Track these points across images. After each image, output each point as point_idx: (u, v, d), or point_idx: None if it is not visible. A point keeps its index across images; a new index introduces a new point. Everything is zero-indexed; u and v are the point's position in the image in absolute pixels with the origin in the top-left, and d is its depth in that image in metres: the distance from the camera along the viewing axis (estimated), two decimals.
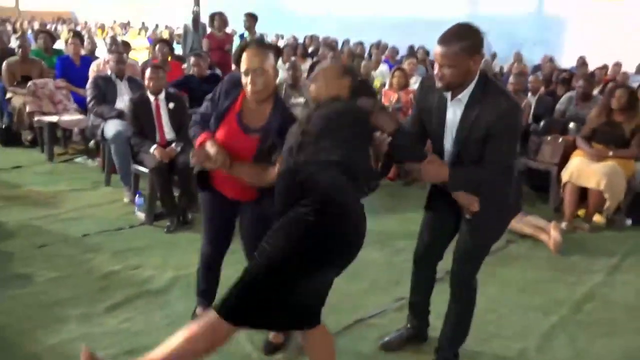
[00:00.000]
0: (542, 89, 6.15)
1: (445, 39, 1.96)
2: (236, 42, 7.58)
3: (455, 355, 2.47)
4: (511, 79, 5.27)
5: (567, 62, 10.21)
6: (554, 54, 10.83)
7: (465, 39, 1.95)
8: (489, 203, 2.12)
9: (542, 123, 5.22)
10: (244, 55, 2.19)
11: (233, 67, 2.49)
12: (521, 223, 4.17)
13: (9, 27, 12.59)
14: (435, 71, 2.03)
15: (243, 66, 2.19)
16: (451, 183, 2.08)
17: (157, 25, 18.15)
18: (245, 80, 2.20)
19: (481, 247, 2.31)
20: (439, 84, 2.03)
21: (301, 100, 4.79)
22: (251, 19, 7.56)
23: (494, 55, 10.93)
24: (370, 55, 9.12)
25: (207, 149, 2.21)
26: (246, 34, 7.63)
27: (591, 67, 9.05)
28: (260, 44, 2.30)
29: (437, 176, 2.10)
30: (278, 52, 2.33)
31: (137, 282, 3.12)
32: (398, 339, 2.63)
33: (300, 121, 2.02)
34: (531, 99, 5.67)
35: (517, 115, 2.06)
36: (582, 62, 9.75)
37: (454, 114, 2.09)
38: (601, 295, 3.30)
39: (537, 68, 10.17)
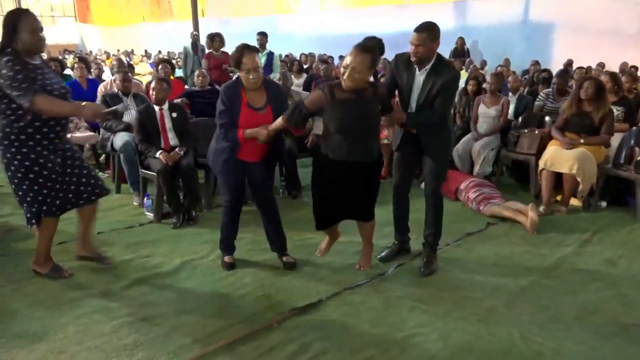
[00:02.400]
0: (524, 89, 6.56)
1: (419, 29, 3.07)
2: None
3: (435, 247, 3.52)
4: (488, 78, 5.66)
5: (556, 66, 10.62)
6: (543, 59, 11.28)
7: (431, 29, 3.07)
8: (437, 135, 3.26)
9: (520, 118, 5.60)
10: (245, 58, 3.06)
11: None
12: (501, 207, 4.55)
13: None
14: (411, 50, 3.09)
15: (245, 66, 3.06)
16: (407, 122, 3.18)
17: (159, 51, 18.90)
18: (247, 75, 3.07)
19: (439, 165, 3.33)
20: (413, 58, 3.11)
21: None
22: (263, 37, 8.11)
23: (484, 63, 11.37)
24: None
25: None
26: None
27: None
28: (254, 49, 3.09)
29: (399, 118, 3.17)
30: (257, 50, 3.23)
31: (148, 267, 3.51)
32: (390, 252, 3.65)
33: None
34: (512, 98, 6.07)
35: (456, 80, 3.22)
36: (569, 64, 10.17)
37: (420, 78, 3.15)
38: (569, 263, 3.64)
39: (526, 72, 10.61)
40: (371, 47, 2.83)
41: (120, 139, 4.91)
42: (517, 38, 13.06)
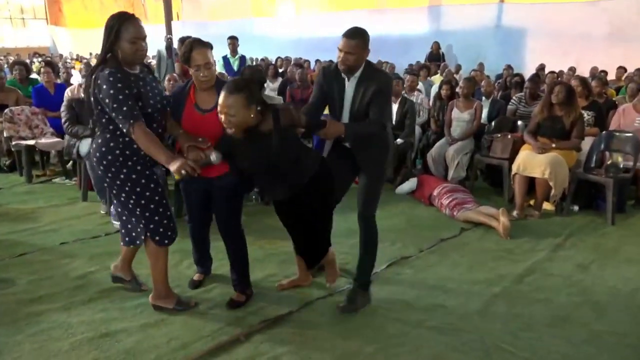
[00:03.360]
0: (497, 93, 6.59)
1: (349, 35, 2.75)
2: (219, 63, 7.91)
3: (364, 282, 3.08)
4: (460, 83, 5.67)
5: (529, 71, 10.74)
6: (516, 64, 11.40)
7: (362, 36, 2.76)
8: (373, 149, 2.89)
9: (493, 123, 5.61)
10: (194, 53, 2.71)
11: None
12: (475, 213, 4.53)
13: None
14: (339, 57, 2.77)
15: (195, 61, 2.71)
16: (346, 135, 2.79)
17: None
18: (197, 73, 2.73)
19: (373, 185, 2.95)
20: (341, 67, 2.78)
21: None
22: (235, 41, 8.00)
23: (458, 67, 11.45)
24: None
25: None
26: (229, 55, 7.99)
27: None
28: (206, 44, 2.79)
29: (335, 132, 2.77)
30: (211, 47, 2.86)
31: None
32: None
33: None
34: (485, 102, 6.10)
35: (389, 85, 2.93)
36: (541, 68, 10.29)
37: (350, 88, 2.83)
38: (542, 269, 3.62)
39: (500, 77, 10.70)
40: (242, 84, 2.57)
41: (86, 145, 4.74)
42: (491, 43, 13.20)
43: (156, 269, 2.94)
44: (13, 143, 5.71)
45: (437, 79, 9.80)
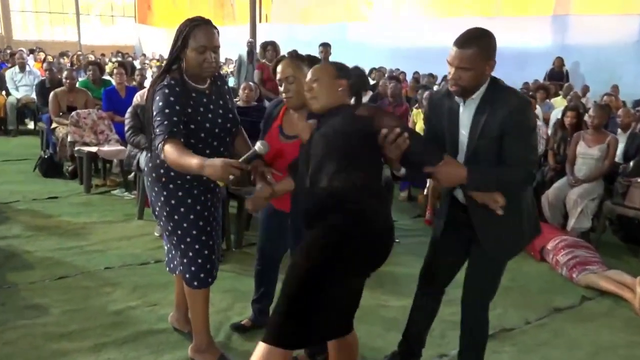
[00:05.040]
0: (636, 125, 5.91)
1: (463, 42, 2.14)
2: None
3: None
4: (590, 111, 5.10)
5: None
6: None
7: (482, 42, 2.15)
8: (508, 221, 2.21)
9: (632, 163, 4.99)
10: (279, 67, 2.60)
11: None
12: (601, 278, 3.99)
13: (67, 60, 13.80)
14: (449, 74, 2.18)
15: (277, 76, 2.59)
16: (469, 183, 2.17)
17: (226, 59, 19.39)
18: (280, 89, 2.59)
19: (494, 271, 2.40)
20: (452, 88, 2.21)
21: None
22: (327, 49, 7.91)
23: (586, 89, 10.62)
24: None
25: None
26: None
27: None
28: (294, 56, 2.66)
29: (454, 177, 2.17)
30: (313, 63, 2.56)
31: (152, 319, 3.23)
32: None
33: (306, 141, 2.17)
34: (621, 136, 5.46)
35: (528, 110, 2.20)
36: None
37: (466, 116, 2.25)
38: None
39: (638, 103, 9.78)
40: (342, 69, 2.29)
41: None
42: (628, 60, 12.14)
43: (193, 313, 2.76)
44: (75, 149, 5.88)
45: (558, 102, 9.11)
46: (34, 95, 8.38)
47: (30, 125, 9.63)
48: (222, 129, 2.52)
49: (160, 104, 2.33)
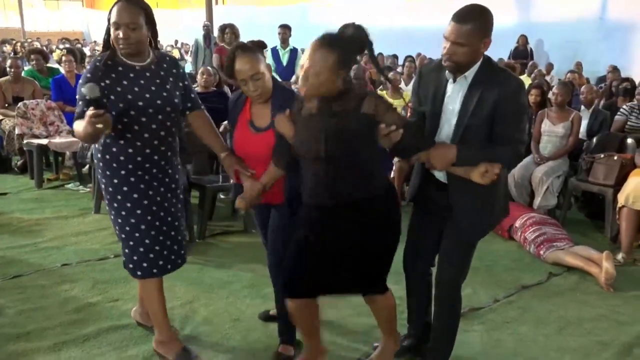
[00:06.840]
0: (599, 102, 6.12)
1: (461, 17, 2.18)
2: (269, 57, 7.73)
3: None
4: (554, 88, 5.25)
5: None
6: (624, 65, 10.70)
7: (481, 19, 2.21)
8: (481, 190, 2.25)
9: (595, 139, 5.17)
10: (238, 66, 2.48)
11: None
12: (568, 254, 4.14)
13: (9, 48, 13.38)
14: (444, 49, 2.22)
15: (240, 74, 2.49)
16: (459, 161, 2.23)
17: (176, 41, 19.14)
18: (245, 87, 2.53)
19: (466, 244, 2.49)
20: (446, 63, 2.24)
21: None
22: (286, 30, 7.84)
23: (550, 67, 10.91)
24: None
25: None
26: (279, 47, 7.84)
27: None
28: (248, 49, 2.53)
29: (446, 158, 2.23)
30: (262, 47, 2.62)
31: (114, 315, 3.23)
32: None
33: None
34: (584, 113, 5.65)
35: (523, 92, 2.30)
36: None
37: (456, 93, 2.30)
38: None
39: (602, 80, 10.09)
40: (338, 41, 2.21)
41: None
42: (591, 38, 12.51)
43: (148, 305, 2.82)
44: (24, 141, 5.76)
45: (523, 80, 9.32)
46: None
47: None
48: (157, 109, 2.53)
49: (81, 81, 2.48)
